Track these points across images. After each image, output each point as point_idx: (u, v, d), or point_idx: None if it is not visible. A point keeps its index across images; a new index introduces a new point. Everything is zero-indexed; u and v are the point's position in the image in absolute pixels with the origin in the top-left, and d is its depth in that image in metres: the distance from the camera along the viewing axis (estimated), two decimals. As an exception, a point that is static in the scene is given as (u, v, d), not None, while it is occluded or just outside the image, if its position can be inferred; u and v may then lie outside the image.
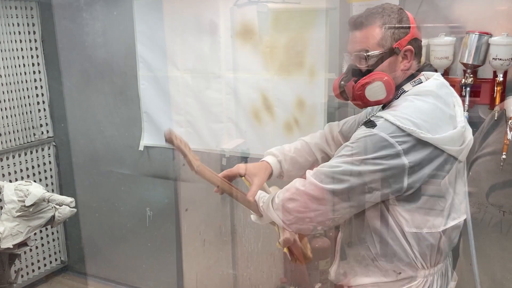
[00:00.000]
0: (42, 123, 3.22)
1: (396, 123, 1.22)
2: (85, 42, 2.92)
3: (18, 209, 2.02)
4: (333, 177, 1.28)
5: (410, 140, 1.22)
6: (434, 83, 1.32)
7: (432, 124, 1.24)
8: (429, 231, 1.30)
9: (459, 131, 1.27)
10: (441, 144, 1.23)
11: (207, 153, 2.65)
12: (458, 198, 1.32)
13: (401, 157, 1.21)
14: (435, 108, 1.28)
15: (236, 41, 2.42)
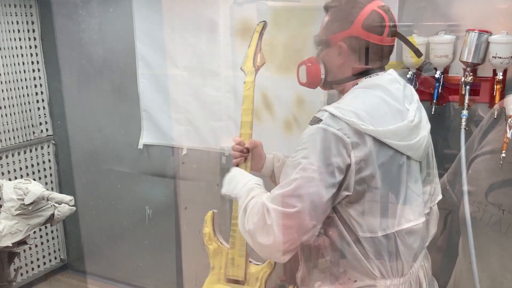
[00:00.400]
0: (42, 121, 3.22)
1: (338, 115, 1.18)
2: (85, 40, 2.92)
3: (18, 208, 2.02)
4: (297, 195, 1.19)
5: (354, 133, 1.18)
6: (386, 77, 1.30)
7: (376, 117, 1.20)
8: (384, 234, 1.23)
9: (406, 125, 1.23)
10: (383, 137, 1.19)
11: (207, 151, 2.65)
12: (414, 199, 1.26)
13: (350, 151, 1.17)
14: (380, 101, 1.25)
15: (236, 39, 2.42)
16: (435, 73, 1.89)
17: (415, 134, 1.25)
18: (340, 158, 1.17)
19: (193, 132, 2.68)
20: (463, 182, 1.36)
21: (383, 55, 1.31)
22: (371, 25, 1.26)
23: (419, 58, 1.88)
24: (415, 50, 1.42)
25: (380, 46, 1.28)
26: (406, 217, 1.25)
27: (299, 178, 1.18)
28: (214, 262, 1.77)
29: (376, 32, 1.26)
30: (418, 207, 1.28)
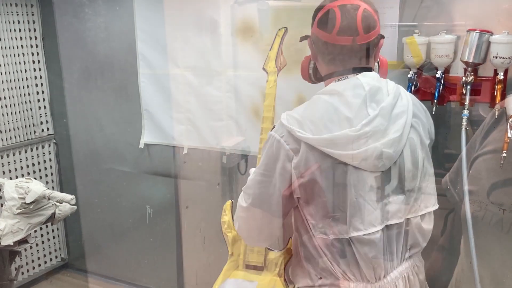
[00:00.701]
0: (43, 120, 3.22)
1: (283, 122, 1.26)
2: (86, 39, 2.92)
3: (19, 206, 2.02)
4: (247, 193, 1.36)
5: (294, 140, 1.24)
6: (349, 83, 1.27)
7: (319, 125, 1.23)
8: (336, 238, 1.27)
9: (344, 134, 1.20)
10: (318, 146, 1.21)
11: (207, 150, 2.65)
12: (366, 208, 1.25)
13: (292, 156, 1.24)
14: (329, 108, 1.25)
15: (237, 39, 2.42)
16: (436, 73, 1.89)
17: (361, 143, 1.21)
18: (281, 163, 1.26)
19: (194, 131, 2.68)
20: (464, 182, 1.36)
21: (345, 55, 1.28)
22: (322, 22, 1.29)
23: (420, 58, 1.89)
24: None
25: (334, 47, 1.27)
26: (354, 226, 1.25)
27: (251, 179, 1.36)
28: (232, 249, 1.82)
29: (326, 30, 1.27)
30: (369, 216, 1.25)
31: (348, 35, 1.25)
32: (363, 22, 1.25)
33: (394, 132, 1.24)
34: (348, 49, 1.27)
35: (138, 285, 3.16)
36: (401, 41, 1.93)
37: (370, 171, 1.23)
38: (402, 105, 1.27)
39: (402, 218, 1.30)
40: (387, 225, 1.28)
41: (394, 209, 1.28)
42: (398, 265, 1.33)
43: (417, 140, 1.30)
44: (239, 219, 1.43)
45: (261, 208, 1.34)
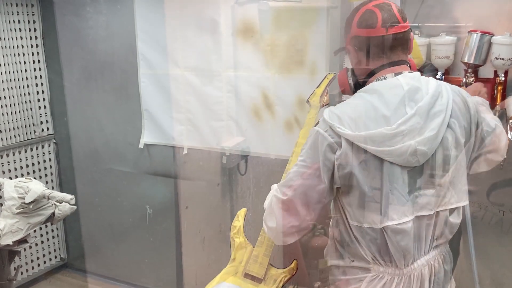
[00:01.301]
0: (43, 120, 3.22)
1: (326, 117, 1.35)
2: (86, 39, 2.92)
3: (18, 206, 2.02)
4: (289, 185, 1.42)
5: (336, 135, 1.32)
6: (388, 83, 1.36)
7: (357, 121, 1.31)
8: (369, 226, 1.35)
9: (380, 132, 1.28)
10: (357, 142, 1.30)
11: (207, 151, 2.65)
12: (399, 200, 1.33)
13: (335, 149, 1.32)
14: (368, 106, 1.33)
15: (237, 39, 2.42)
16: (436, 74, 1.89)
17: (397, 141, 1.29)
18: (325, 156, 1.34)
19: (194, 131, 2.68)
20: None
21: (384, 50, 1.36)
22: (364, 22, 1.37)
23: (420, 59, 1.89)
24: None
25: (379, 40, 1.36)
26: (389, 216, 1.33)
27: (293, 172, 1.41)
28: (236, 255, 1.85)
29: (370, 26, 1.35)
30: (402, 207, 1.33)
31: (391, 25, 1.34)
32: (399, 12, 1.37)
33: (430, 131, 1.30)
34: (393, 38, 1.36)
35: (138, 285, 3.16)
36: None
37: (404, 166, 1.31)
38: (441, 104, 1.33)
39: (432, 210, 1.37)
40: (417, 216, 1.36)
41: (425, 202, 1.36)
42: (426, 254, 1.41)
43: (451, 139, 1.35)
44: (276, 214, 1.46)
45: (302, 200, 1.39)
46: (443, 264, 1.45)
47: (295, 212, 1.42)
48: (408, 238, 1.35)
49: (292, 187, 1.41)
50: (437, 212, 1.39)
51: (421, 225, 1.38)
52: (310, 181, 1.38)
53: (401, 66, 1.39)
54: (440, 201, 1.39)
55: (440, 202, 1.39)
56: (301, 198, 1.40)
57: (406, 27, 1.37)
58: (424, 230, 1.39)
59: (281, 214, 1.45)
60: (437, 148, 1.33)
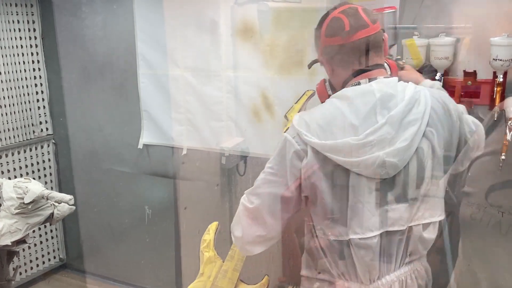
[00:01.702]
0: (42, 120, 3.22)
1: (294, 124, 1.30)
2: (85, 40, 2.92)
3: (17, 206, 2.02)
4: (256, 193, 1.38)
5: (303, 142, 1.28)
6: (359, 89, 1.30)
7: (325, 129, 1.26)
8: (335, 239, 1.31)
9: (347, 142, 1.23)
10: (322, 151, 1.25)
11: (207, 151, 2.65)
12: (363, 214, 1.27)
13: (302, 157, 1.28)
14: (337, 113, 1.28)
15: (237, 40, 2.42)
16: (435, 75, 1.89)
17: (364, 151, 1.23)
18: (292, 163, 1.30)
19: (193, 132, 2.68)
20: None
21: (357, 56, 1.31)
22: (331, 31, 1.32)
23: (420, 60, 1.89)
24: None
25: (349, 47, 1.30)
26: (352, 229, 1.28)
27: (260, 179, 1.38)
28: (204, 269, 1.79)
29: (339, 34, 1.30)
30: (367, 222, 1.28)
31: (360, 29, 1.29)
32: (367, 15, 1.31)
33: (402, 141, 1.24)
34: (363, 43, 1.30)
35: (137, 285, 3.15)
36: (401, 43, 1.94)
37: (373, 178, 1.25)
38: (416, 113, 1.26)
39: (404, 225, 1.31)
40: (388, 231, 1.30)
41: (396, 216, 1.29)
42: (396, 269, 1.35)
43: (427, 150, 1.28)
44: (243, 223, 1.41)
45: (269, 208, 1.35)
46: (417, 279, 1.38)
47: (262, 221, 1.38)
48: (373, 254, 1.30)
49: (259, 195, 1.37)
50: (410, 227, 1.32)
51: (392, 240, 1.31)
52: (277, 189, 1.34)
53: (377, 70, 1.33)
54: (413, 215, 1.32)
55: (413, 216, 1.32)
56: (268, 207, 1.36)
57: (376, 29, 1.31)
58: (395, 245, 1.32)
59: (247, 223, 1.40)
60: (411, 159, 1.26)
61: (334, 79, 1.40)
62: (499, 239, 1.22)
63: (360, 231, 1.27)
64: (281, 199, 1.34)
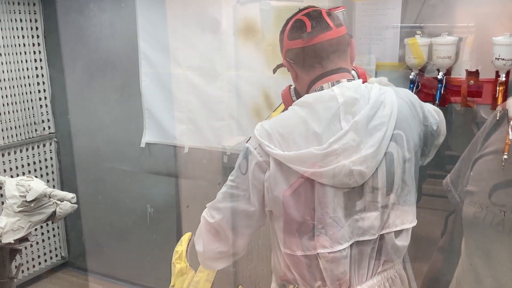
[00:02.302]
0: (44, 119, 3.22)
1: (256, 134, 1.24)
2: (88, 38, 2.92)
3: (20, 205, 2.02)
4: (217, 207, 1.33)
5: (265, 153, 1.22)
6: (322, 94, 1.23)
7: (288, 139, 1.20)
8: (303, 254, 1.24)
9: (310, 153, 1.16)
10: (286, 162, 1.19)
11: (209, 150, 2.65)
12: (333, 226, 1.21)
13: (265, 169, 1.22)
14: (299, 121, 1.21)
15: (239, 39, 2.42)
16: (438, 74, 1.89)
17: (329, 161, 1.17)
18: (254, 175, 1.24)
19: (195, 131, 2.68)
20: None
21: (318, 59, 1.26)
22: (294, 33, 1.28)
23: (422, 59, 1.89)
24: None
25: (311, 50, 1.25)
26: (321, 243, 1.22)
27: (222, 192, 1.32)
28: (176, 281, 1.73)
29: (300, 37, 1.25)
30: (336, 234, 1.21)
31: (322, 32, 1.24)
32: (330, 18, 1.26)
33: (368, 148, 1.18)
34: (326, 46, 1.25)
35: (139, 284, 3.16)
36: (403, 42, 1.93)
37: (340, 187, 1.20)
38: (382, 116, 1.21)
39: (375, 234, 1.26)
40: (358, 241, 1.25)
41: (367, 226, 1.25)
42: (369, 279, 1.30)
43: (396, 154, 1.24)
44: (204, 237, 1.36)
45: (231, 224, 1.30)
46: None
47: (224, 237, 1.32)
48: (343, 266, 1.24)
49: (220, 210, 1.31)
50: (381, 235, 1.27)
51: (363, 250, 1.26)
52: (239, 203, 1.28)
53: (340, 74, 1.26)
54: (384, 223, 1.27)
55: (384, 224, 1.27)
56: (229, 222, 1.30)
57: (339, 33, 1.26)
58: (367, 255, 1.27)
59: (208, 238, 1.35)
60: (379, 165, 1.21)
61: (298, 84, 1.35)
62: (502, 238, 1.22)
63: (329, 245, 1.21)
64: (243, 214, 1.28)
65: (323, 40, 1.24)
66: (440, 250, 1.59)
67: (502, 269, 1.25)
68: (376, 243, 1.28)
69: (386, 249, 1.30)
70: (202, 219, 1.37)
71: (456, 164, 1.47)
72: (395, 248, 1.30)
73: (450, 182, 1.47)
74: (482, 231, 1.27)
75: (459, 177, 1.41)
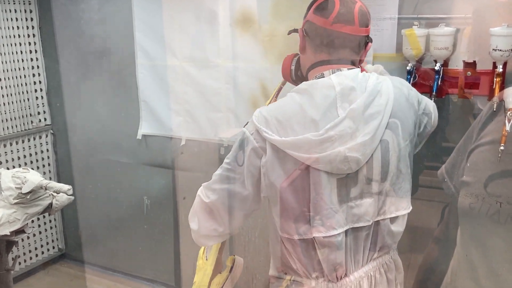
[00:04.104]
0: (40, 110, 3.21)
1: (253, 119, 1.25)
2: (83, 29, 2.90)
3: (16, 196, 2.01)
4: (212, 188, 1.35)
5: (262, 139, 1.23)
6: (321, 82, 1.24)
7: (285, 125, 1.21)
8: (300, 238, 1.26)
9: (307, 138, 1.18)
10: (283, 148, 1.20)
11: (205, 142, 2.64)
12: (327, 211, 1.23)
13: (261, 154, 1.24)
14: (297, 108, 1.22)
15: (236, 30, 2.41)
16: (435, 66, 1.88)
17: (325, 147, 1.18)
18: (250, 160, 1.26)
19: (192, 123, 2.67)
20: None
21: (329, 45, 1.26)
22: (320, 9, 1.27)
23: (419, 50, 1.88)
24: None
25: (326, 33, 1.25)
26: (316, 228, 1.24)
27: (217, 174, 1.34)
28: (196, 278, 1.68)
29: (324, 16, 1.25)
30: (330, 219, 1.23)
31: (344, 23, 1.24)
32: (359, 14, 1.25)
33: (364, 135, 1.20)
34: (341, 38, 1.25)
35: (136, 275, 3.17)
36: (401, 33, 1.93)
37: (336, 173, 1.21)
38: (378, 105, 1.22)
39: (370, 221, 1.28)
40: (354, 227, 1.27)
41: (361, 212, 1.26)
42: (364, 265, 1.32)
43: (392, 142, 1.25)
44: (199, 216, 1.38)
45: (225, 205, 1.33)
46: (386, 273, 1.37)
47: (218, 216, 1.35)
48: (338, 251, 1.26)
49: (215, 191, 1.33)
50: (376, 221, 1.30)
51: (358, 236, 1.28)
52: (233, 186, 1.30)
53: (344, 64, 1.27)
54: (379, 210, 1.29)
55: (379, 211, 1.29)
56: (223, 203, 1.33)
57: (359, 32, 1.26)
58: (361, 241, 1.29)
59: (203, 216, 1.37)
60: (375, 153, 1.23)
61: (302, 57, 1.36)
62: (498, 228, 1.22)
63: (324, 230, 1.23)
64: (237, 197, 1.31)
65: (340, 31, 1.24)
66: (436, 240, 1.60)
67: (498, 259, 1.25)
68: (371, 229, 1.30)
69: (382, 235, 1.32)
70: (197, 198, 1.39)
71: (451, 154, 1.47)
72: (390, 234, 1.33)
73: (445, 173, 1.48)
74: (477, 221, 1.27)
75: (455, 167, 1.41)
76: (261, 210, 1.54)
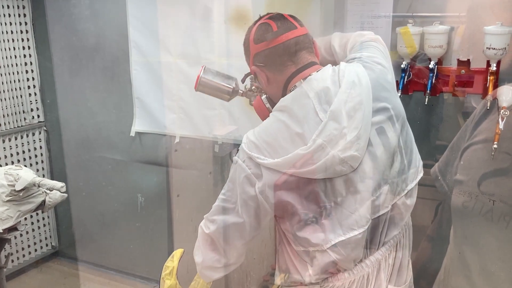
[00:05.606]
0: (33, 107, 3.19)
1: (243, 147, 1.26)
2: (77, 26, 2.89)
3: (8, 194, 2.00)
4: (210, 219, 1.38)
5: (255, 165, 1.23)
6: (291, 96, 1.25)
7: (274, 145, 1.21)
8: (314, 249, 1.25)
9: (297, 154, 1.17)
10: (278, 169, 1.20)
11: (199, 139, 2.64)
12: (342, 214, 1.22)
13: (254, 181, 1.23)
14: (281, 126, 1.22)
15: (230, 27, 2.40)
16: (429, 64, 1.89)
17: (318, 156, 1.17)
18: (243, 189, 1.25)
19: (186, 120, 2.67)
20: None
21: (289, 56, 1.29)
22: (260, 37, 1.32)
23: (414, 48, 1.89)
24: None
25: (280, 48, 1.29)
26: (335, 232, 1.23)
27: (215, 205, 1.36)
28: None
29: (267, 38, 1.30)
30: (347, 221, 1.22)
31: (289, 30, 1.29)
32: (292, 18, 1.33)
33: (352, 131, 1.18)
34: (293, 44, 1.29)
35: (129, 273, 3.16)
36: (395, 31, 1.93)
37: (338, 177, 1.20)
38: (357, 95, 1.20)
39: (389, 206, 1.27)
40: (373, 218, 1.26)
41: (381, 201, 1.25)
42: (381, 247, 1.32)
43: (386, 122, 1.24)
44: (202, 248, 1.41)
45: (224, 236, 1.34)
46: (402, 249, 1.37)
47: (220, 247, 1.37)
48: (358, 248, 1.26)
49: (214, 222, 1.35)
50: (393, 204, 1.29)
51: (377, 223, 1.28)
52: (229, 216, 1.31)
53: (311, 68, 1.29)
54: (395, 191, 1.28)
55: (395, 192, 1.28)
56: (222, 234, 1.34)
57: (304, 31, 1.32)
58: (380, 227, 1.29)
59: (206, 248, 1.40)
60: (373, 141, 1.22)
61: (271, 89, 1.37)
62: (491, 227, 1.23)
63: (342, 233, 1.22)
64: (234, 226, 1.32)
65: (290, 38, 1.29)
66: (429, 238, 1.61)
67: (491, 257, 1.26)
68: (389, 213, 1.29)
69: (399, 212, 1.31)
70: (199, 229, 1.42)
71: (445, 153, 1.48)
72: (406, 207, 1.32)
73: (439, 171, 1.48)
74: (471, 220, 1.28)
75: (448, 166, 1.42)
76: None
